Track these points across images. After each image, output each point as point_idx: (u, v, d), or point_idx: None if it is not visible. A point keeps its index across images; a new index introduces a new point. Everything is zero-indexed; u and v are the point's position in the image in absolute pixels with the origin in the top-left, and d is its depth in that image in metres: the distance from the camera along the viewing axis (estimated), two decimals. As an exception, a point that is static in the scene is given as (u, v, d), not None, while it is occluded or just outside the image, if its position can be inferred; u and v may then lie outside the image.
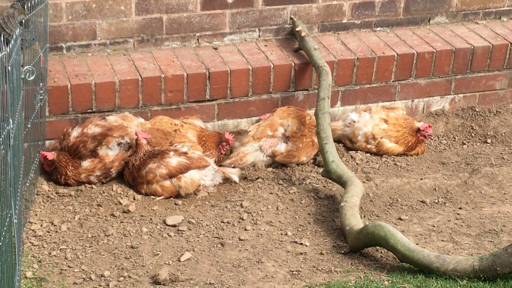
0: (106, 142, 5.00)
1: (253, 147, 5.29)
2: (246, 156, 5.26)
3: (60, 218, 4.64)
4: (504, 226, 4.73)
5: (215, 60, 5.50)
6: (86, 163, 4.96)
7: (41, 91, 4.72)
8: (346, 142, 5.62)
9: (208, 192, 5.01)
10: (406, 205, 4.98)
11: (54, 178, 4.98)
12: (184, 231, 4.59)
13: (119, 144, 5.06)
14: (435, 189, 5.15)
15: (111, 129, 5.03)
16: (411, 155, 5.59)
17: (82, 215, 4.69)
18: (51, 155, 4.90)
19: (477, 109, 6.04)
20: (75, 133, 5.02)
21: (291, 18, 5.82)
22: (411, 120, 5.62)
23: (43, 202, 4.78)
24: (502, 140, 5.81)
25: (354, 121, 5.59)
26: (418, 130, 5.52)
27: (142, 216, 4.73)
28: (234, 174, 5.10)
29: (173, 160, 4.92)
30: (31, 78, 4.14)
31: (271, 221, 4.74)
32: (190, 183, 4.93)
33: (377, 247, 4.42)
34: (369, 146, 5.53)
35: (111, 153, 5.02)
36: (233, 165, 5.22)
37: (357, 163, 5.44)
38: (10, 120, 3.36)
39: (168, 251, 4.40)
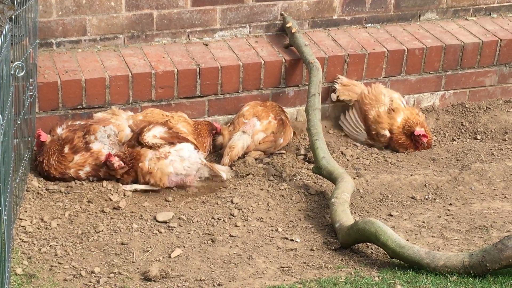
0: (93, 130, 5.00)
1: (238, 134, 5.32)
2: (235, 142, 5.28)
3: (50, 214, 4.63)
4: (493, 222, 4.74)
5: (205, 56, 5.50)
6: (77, 157, 4.95)
7: (31, 87, 4.70)
8: (364, 100, 5.65)
9: (193, 186, 4.99)
10: (397, 201, 4.99)
11: (38, 165, 4.96)
12: (174, 227, 4.59)
13: (108, 136, 5.05)
14: (425, 185, 5.16)
15: (97, 122, 5.08)
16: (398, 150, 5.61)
17: (72, 211, 4.67)
18: (45, 137, 4.91)
19: (467, 106, 6.06)
20: (61, 127, 5.04)
21: (281, 14, 5.82)
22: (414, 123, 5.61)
23: (33, 198, 4.77)
24: (492, 136, 5.83)
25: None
26: (412, 134, 5.52)
27: (132, 212, 4.72)
28: (222, 171, 5.08)
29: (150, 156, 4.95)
30: (21, 74, 4.12)
31: (261, 217, 4.74)
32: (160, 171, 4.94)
33: (368, 243, 4.43)
34: (386, 101, 5.60)
35: (104, 151, 5.00)
36: (228, 160, 5.23)
37: (347, 159, 5.44)
38: (0, 116, 3.35)
39: (158, 247, 4.40)
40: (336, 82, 5.67)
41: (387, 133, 5.60)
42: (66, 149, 4.95)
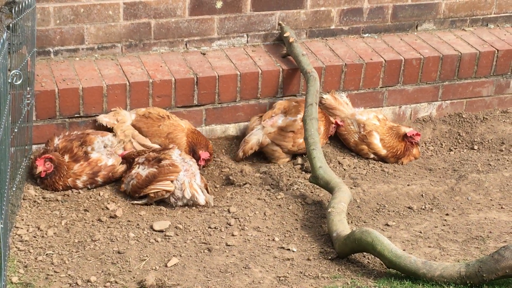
0: (90, 141, 5.00)
1: (257, 128, 5.42)
2: (250, 137, 5.38)
3: (47, 223, 4.62)
4: (490, 232, 4.74)
5: (203, 66, 5.50)
6: (76, 166, 4.95)
7: (28, 96, 4.70)
8: (339, 131, 5.65)
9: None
10: (393, 211, 4.99)
11: (50, 181, 4.92)
12: (171, 236, 4.58)
13: (105, 146, 5.06)
14: (422, 195, 5.16)
15: (94, 133, 5.09)
16: (397, 162, 5.60)
17: (69, 220, 4.67)
18: (41, 162, 4.85)
19: (464, 116, 6.07)
20: (58, 138, 5.04)
21: (279, 24, 5.83)
22: (397, 126, 5.63)
23: (30, 207, 4.76)
24: (488, 147, 5.84)
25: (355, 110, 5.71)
26: (405, 135, 5.53)
27: (129, 221, 4.72)
28: (201, 195, 4.92)
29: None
30: (18, 82, 4.12)
31: (258, 227, 4.74)
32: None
33: (364, 253, 4.43)
34: (358, 130, 5.56)
35: (104, 159, 5.00)
36: (242, 153, 5.34)
37: (344, 169, 5.45)
38: (-3, 124, 3.35)
39: (155, 256, 4.39)
40: (321, 103, 5.65)
41: (374, 155, 5.59)
42: (66, 159, 4.95)
